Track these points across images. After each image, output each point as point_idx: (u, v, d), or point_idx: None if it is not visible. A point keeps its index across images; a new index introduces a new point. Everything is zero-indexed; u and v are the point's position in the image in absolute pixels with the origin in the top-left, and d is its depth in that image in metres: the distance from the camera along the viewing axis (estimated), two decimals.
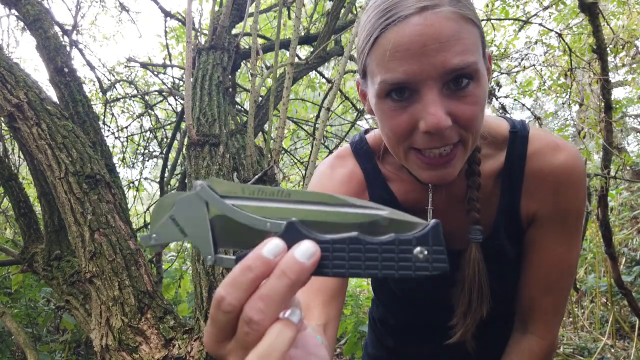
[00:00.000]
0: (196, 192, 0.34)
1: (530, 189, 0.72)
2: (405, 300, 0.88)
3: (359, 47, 0.63)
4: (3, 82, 1.57)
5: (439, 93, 0.56)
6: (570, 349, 3.35)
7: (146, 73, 4.25)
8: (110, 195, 1.53)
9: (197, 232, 0.35)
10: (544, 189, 0.71)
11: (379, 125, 0.66)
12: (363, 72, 0.64)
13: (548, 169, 0.70)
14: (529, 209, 0.74)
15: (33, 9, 2.07)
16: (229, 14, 2.21)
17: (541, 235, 0.74)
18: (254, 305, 0.31)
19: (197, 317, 1.44)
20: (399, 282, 0.84)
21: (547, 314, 0.78)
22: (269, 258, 0.31)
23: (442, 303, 0.82)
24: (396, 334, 0.95)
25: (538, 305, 0.78)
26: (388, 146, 0.66)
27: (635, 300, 2.74)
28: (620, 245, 3.79)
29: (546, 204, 0.72)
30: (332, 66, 4.53)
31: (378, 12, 0.57)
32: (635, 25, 4.04)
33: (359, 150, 0.79)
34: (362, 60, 0.63)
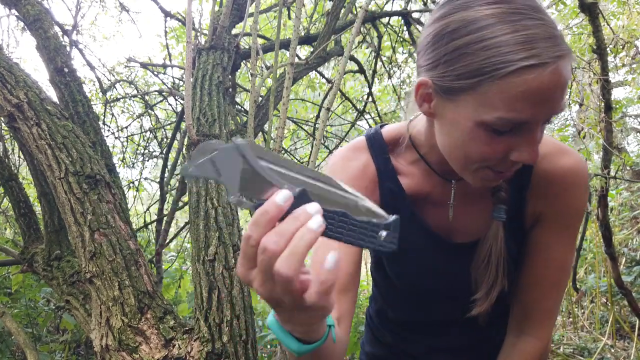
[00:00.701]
0: (237, 145, 0.44)
1: (538, 189, 0.74)
2: (405, 293, 0.88)
3: (444, 51, 0.59)
4: (3, 82, 1.57)
5: (539, 130, 0.60)
6: (570, 349, 3.35)
7: (146, 73, 4.25)
8: (110, 195, 1.53)
9: (229, 175, 0.44)
10: (551, 190, 0.73)
11: (451, 140, 0.64)
12: (452, 83, 0.59)
13: (556, 171, 0.73)
14: (535, 209, 0.76)
15: (33, 9, 2.07)
16: (229, 14, 2.21)
17: (545, 236, 0.76)
18: (269, 238, 0.41)
19: (197, 317, 1.44)
20: (401, 275, 0.84)
21: (546, 314, 0.79)
22: (281, 204, 0.41)
23: (441, 297, 0.83)
24: (393, 328, 0.95)
25: (538, 306, 0.78)
26: (454, 159, 0.66)
27: (635, 300, 2.74)
28: (620, 246, 3.79)
29: (552, 205, 0.74)
30: (332, 66, 4.53)
31: (512, 44, 0.54)
32: (635, 26, 4.04)
33: (374, 143, 0.80)
34: (459, 72, 0.58)
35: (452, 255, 0.79)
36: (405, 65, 4.25)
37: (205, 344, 1.35)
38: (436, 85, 0.62)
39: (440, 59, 0.60)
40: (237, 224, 1.65)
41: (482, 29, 0.56)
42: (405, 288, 0.86)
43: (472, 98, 0.58)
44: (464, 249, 0.78)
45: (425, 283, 0.83)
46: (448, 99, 0.61)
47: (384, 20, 3.47)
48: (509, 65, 0.54)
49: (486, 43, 0.55)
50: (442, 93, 0.62)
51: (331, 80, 3.38)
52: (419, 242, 0.80)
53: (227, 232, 1.58)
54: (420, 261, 0.81)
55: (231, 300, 1.45)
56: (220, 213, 1.60)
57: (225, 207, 1.63)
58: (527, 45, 0.54)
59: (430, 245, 0.80)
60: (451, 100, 0.61)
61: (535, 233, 0.77)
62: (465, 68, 0.57)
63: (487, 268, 0.74)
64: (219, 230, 1.56)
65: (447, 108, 0.62)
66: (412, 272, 0.82)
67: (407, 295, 0.88)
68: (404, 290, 0.87)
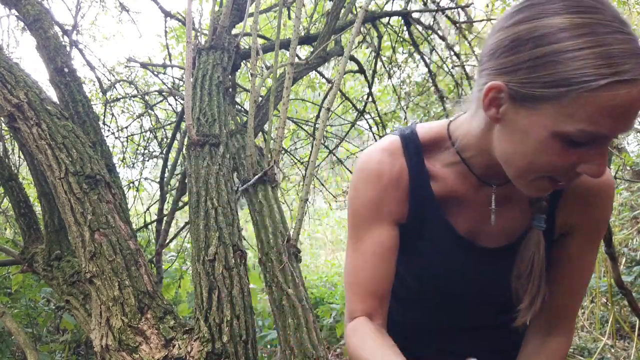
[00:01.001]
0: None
1: (569, 200, 0.76)
2: (427, 294, 0.87)
3: (527, 56, 0.57)
4: (3, 82, 1.57)
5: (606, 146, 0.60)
6: (570, 349, 3.35)
7: (146, 73, 4.25)
8: (110, 195, 1.53)
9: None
10: (583, 202, 0.75)
11: (518, 148, 0.63)
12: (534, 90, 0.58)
13: (592, 185, 0.73)
14: (566, 221, 0.77)
15: (33, 9, 2.07)
16: (229, 14, 2.21)
17: (576, 246, 0.78)
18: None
19: (197, 317, 1.44)
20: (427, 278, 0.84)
21: (572, 316, 0.83)
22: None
23: (469, 303, 0.83)
24: (403, 329, 0.94)
25: (566, 310, 0.82)
26: (516, 167, 0.65)
27: (635, 301, 2.74)
28: (620, 246, 3.79)
29: (585, 217, 0.76)
30: (332, 66, 4.54)
31: (605, 57, 0.53)
32: (635, 25, 4.04)
33: (409, 144, 0.77)
34: (544, 80, 0.56)
35: (484, 260, 0.80)
36: (405, 65, 4.25)
37: (206, 344, 1.35)
38: (512, 91, 0.60)
39: (522, 64, 0.58)
40: (237, 224, 1.65)
41: (573, 38, 0.54)
42: (428, 290, 0.85)
43: (553, 108, 0.57)
44: (496, 253, 0.79)
45: (452, 287, 0.82)
46: (524, 106, 0.59)
47: (384, 20, 3.47)
48: (601, 79, 0.53)
49: (577, 54, 0.54)
50: (519, 99, 0.60)
51: (331, 80, 3.38)
52: (446, 246, 0.79)
53: (227, 232, 1.58)
54: (448, 264, 0.80)
55: (231, 300, 1.45)
56: (220, 213, 1.60)
57: (225, 207, 1.63)
58: (620, 60, 0.53)
59: (458, 249, 0.79)
60: (528, 107, 0.59)
61: (566, 243, 0.78)
62: (552, 77, 0.55)
63: (530, 277, 0.74)
64: (219, 230, 1.56)
65: (521, 115, 0.60)
66: (439, 274, 0.82)
67: (429, 297, 0.87)
68: (427, 292, 0.86)
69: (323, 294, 4.74)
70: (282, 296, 1.62)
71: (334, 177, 6.03)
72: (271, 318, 3.31)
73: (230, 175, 1.77)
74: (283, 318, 1.59)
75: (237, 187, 1.91)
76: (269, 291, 1.68)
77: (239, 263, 1.55)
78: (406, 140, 0.78)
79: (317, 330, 1.60)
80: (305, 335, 1.55)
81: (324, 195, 6.53)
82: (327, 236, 8.40)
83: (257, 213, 1.85)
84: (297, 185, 5.05)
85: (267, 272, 1.71)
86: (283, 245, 1.73)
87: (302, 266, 5.29)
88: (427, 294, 0.86)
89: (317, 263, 7.17)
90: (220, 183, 1.68)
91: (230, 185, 1.72)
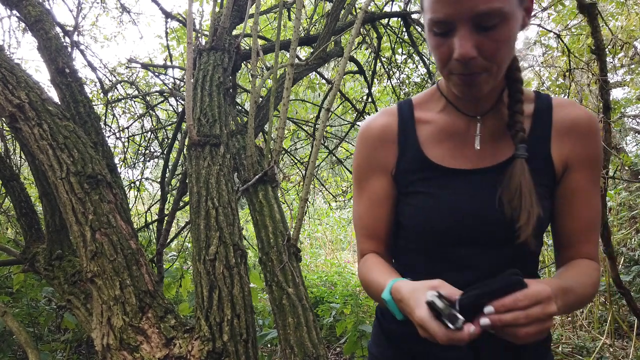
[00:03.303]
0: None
1: (559, 134, 0.84)
2: (429, 244, 0.88)
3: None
4: (4, 82, 1.58)
5: (469, 31, 0.71)
6: (569, 348, 3.35)
7: (147, 74, 4.26)
8: (111, 195, 1.54)
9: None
10: (572, 136, 0.84)
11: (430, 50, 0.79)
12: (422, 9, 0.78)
13: (573, 118, 0.84)
14: (561, 154, 0.84)
15: (34, 9, 2.08)
16: (229, 15, 2.22)
17: (578, 180, 0.84)
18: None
19: (197, 317, 1.45)
20: (423, 221, 0.86)
21: (593, 243, 0.88)
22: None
23: (468, 239, 0.84)
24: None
25: (585, 237, 0.87)
26: (440, 71, 0.79)
27: (633, 300, 2.75)
28: (618, 245, 3.80)
29: (576, 149, 0.84)
30: (332, 67, 4.55)
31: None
32: (634, 26, 4.05)
33: (402, 105, 0.94)
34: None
35: (468, 182, 0.84)
36: (405, 66, 4.26)
37: (206, 343, 1.36)
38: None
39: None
40: (238, 223, 1.66)
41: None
42: (429, 237, 0.86)
43: (423, 14, 0.76)
44: (479, 173, 0.84)
45: (449, 222, 0.83)
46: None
47: (383, 22, 3.48)
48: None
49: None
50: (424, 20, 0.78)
51: (331, 81, 3.39)
52: (437, 182, 0.86)
53: (228, 231, 1.59)
54: (435, 196, 0.85)
55: (232, 299, 1.46)
56: (220, 213, 1.61)
57: (225, 207, 1.64)
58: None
59: (450, 181, 0.85)
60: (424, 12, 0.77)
61: (569, 179, 0.85)
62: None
63: (521, 198, 0.78)
64: (220, 230, 1.57)
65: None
66: (435, 213, 0.85)
67: (430, 241, 0.87)
68: (428, 242, 0.87)
69: (323, 293, 4.75)
70: (282, 295, 1.63)
71: (334, 177, 6.04)
72: (271, 317, 3.32)
73: (230, 176, 1.78)
74: (283, 317, 1.60)
75: (238, 187, 1.92)
76: (269, 290, 1.69)
77: (240, 262, 1.55)
78: (401, 103, 0.94)
79: (317, 329, 1.61)
80: (305, 334, 1.56)
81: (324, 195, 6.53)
82: (327, 236, 8.40)
83: (258, 213, 1.86)
84: (297, 185, 5.06)
85: (267, 272, 1.72)
86: (283, 244, 1.74)
87: (302, 266, 5.29)
88: (427, 237, 0.87)
89: (317, 263, 7.17)
90: (221, 183, 1.69)
91: (231, 185, 1.74)
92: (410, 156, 0.89)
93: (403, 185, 0.90)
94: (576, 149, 0.83)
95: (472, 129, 0.86)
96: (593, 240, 0.87)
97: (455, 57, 0.72)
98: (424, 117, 0.90)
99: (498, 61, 0.74)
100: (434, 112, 0.90)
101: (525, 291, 0.65)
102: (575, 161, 0.84)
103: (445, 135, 0.88)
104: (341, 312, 3.86)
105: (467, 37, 0.71)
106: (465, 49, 0.71)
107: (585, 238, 0.86)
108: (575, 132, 0.83)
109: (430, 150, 0.88)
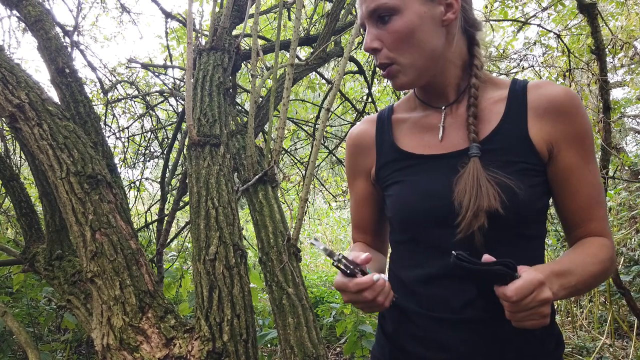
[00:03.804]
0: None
1: (537, 114, 0.84)
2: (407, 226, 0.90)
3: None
4: (4, 82, 1.58)
5: (372, 26, 0.84)
6: (569, 348, 3.35)
7: (147, 74, 4.26)
8: (111, 195, 1.54)
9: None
10: (552, 114, 0.83)
11: None
12: None
13: (549, 97, 0.84)
14: (542, 133, 0.83)
15: (34, 9, 2.08)
16: (229, 15, 2.22)
17: (569, 159, 0.83)
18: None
19: (197, 317, 1.45)
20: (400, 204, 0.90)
21: (602, 219, 0.86)
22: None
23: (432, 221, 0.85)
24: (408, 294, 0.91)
25: (592, 214, 0.85)
26: None
27: (633, 300, 2.75)
28: (618, 245, 3.80)
29: (558, 127, 0.83)
30: (332, 67, 4.55)
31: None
32: (634, 26, 4.05)
33: (384, 111, 1.02)
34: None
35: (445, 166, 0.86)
36: None
37: (206, 343, 1.36)
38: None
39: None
40: (238, 223, 1.66)
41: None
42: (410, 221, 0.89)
43: None
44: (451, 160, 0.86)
45: (423, 203, 0.86)
46: None
47: None
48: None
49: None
50: None
51: (331, 81, 3.39)
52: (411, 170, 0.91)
53: (228, 231, 1.59)
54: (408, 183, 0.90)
55: (232, 299, 1.46)
56: (220, 213, 1.61)
57: (225, 207, 1.64)
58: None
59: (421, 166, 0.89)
60: None
61: (559, 159, 0.84)
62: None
63: (473, 187, 0.79)
64: (220, 230, 1.57)
65: None
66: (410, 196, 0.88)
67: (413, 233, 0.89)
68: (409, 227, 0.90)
69: (323, 293, 4.75)
70: (282, 295, 1.64)
71: (334, 177, 6.04)
72: (271, 317, 3.32)
73: (230, 176, 1.78)
74: (283, 317, 1.60)
75: (238, 187, 1.92)
76: (269, 290, 1.69)
77: (240, 262, 1.55)
78: (383, 109, 1.03)
79: (317, 329, 1.61)
80: (305, 334, 1.56)
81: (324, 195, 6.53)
82: (327, 236, 8.40)
83: (258, 213, 1.86)
84: (297, 185, 5.06)
85: (267, 272, 1.72)
86: (283, 244, 1.74)
87: (302, 266, 5.28)
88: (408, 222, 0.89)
89: (317, 262, 7.17)
90: (221, 183, 1.69)
91: (231, 185, 1.73)
92: (386, 152, 0.96)
93: (383, 181, 0.96)
94: (558, 127, 0.83)
95: (439, 119, 0.91)
96: (598, 217, 0.85)
97: (365, 49, 0.85)
98: (400, 117, 0.98)
99: (401, 52, 0.83)
100: (409, 110, 0.98)
101: (514, 284, 0.67)
102: (561, 140, 0.83)
103: (417, 128, 0.94)
104: (341, 312, 3.86)
105: (370, 32, 0.84)
106: (366, 41, 0.84)
107: (588, 216, 0.85)
108: (554, 111, 0.83)
109: (402, 142, 0.94)
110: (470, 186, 0.79)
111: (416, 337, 0.90)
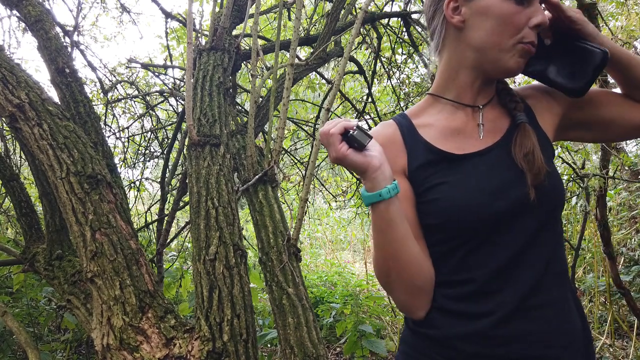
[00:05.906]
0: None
1: (536, 105, 0.93)
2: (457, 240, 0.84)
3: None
4: (4, 82, 1.58)
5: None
6: None
7: (147, 74, 4.26)
8: (111, 195, 1.54)
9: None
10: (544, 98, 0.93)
11: (488, 28, 0.84)
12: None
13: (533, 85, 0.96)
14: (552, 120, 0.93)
15: (34, 9, 2.08)
16: (229, 15, 2.22)
17: (577, 102, 0.91)
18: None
19: (197, 317, 1.45)
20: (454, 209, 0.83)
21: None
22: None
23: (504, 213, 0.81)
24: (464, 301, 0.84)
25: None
26: (493, 47, 0.84)
27: (633, 300, 2.75)
28: (618, 245, 3.80)
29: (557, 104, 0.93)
30: (332, 67, 4.54)
31: None
32: (634, 26, 4.05)
33: (398, 117, 0.99)
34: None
35: (489, 161, 0.87)
36: (405, 66, 4.26)
37: (206, 343, 1.36)
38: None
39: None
40: (238, 223, 1.66)
41: None
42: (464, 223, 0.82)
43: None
44: (492, 152, 0.87)
45: (479, 200, 0.81)
46: (463, 4, 0.86)
47: (383, 22, 3.48)
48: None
49: None
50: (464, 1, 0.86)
51: (331, 81, 3.39)
52: (453, 170, 0.87)
53: (228, 231, 1.59)
54: (451, 184, 0.85)
55: (232, 299, 1.46)
56: (220, 213, 1.61)
57: (225, 207, 1.64)
58: None
59: (465, 166, 0.87)
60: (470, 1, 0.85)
61: (576, 113, 0.94)
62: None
63: (533, 153, 0.82)
64: (220, 230, 1.57)
65: (475, 3, 0.84)
66: (463, 196, 0.83)
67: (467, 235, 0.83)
68: (464, 228, 0.82)
69: (323, 293, 4.75)
70: (282, 295, 1.64)
71: (334, 177, 6.04)
72: (271, 317, 3.32)
73: (230, 175, 1.78)
74: (283, 317, 1.60)
75: (238, 187, 1.92)
76: (269, 290, 1.69)
77: (240, 262, 1.56)
78: (396, 116, 1.00)
79: (317, 329, 1.61)
80: (305, 334, 1.56)
81: (324, 195, 6.52)
82: (327, 236, 8.40)
83: (258, 213, 1.86)
84: (297, 185, 5.06)
85: (267, 272, 1.72)
86: (283, 244, 1.74)
87: (302, 266, 5.28)
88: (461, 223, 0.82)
89: (317, 263, 7.17)
90: (221, 183, 1.69)
91: (231, 185, 1.73)
92: (421, 153, 0.90)
93: (419, 183, 0.88)
94: (556, 106, 0.93)
95: (472, 119, 0.92)
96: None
97: (535, 24, 0.81)
98: (423, 122, 0.94)
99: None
100: (432, 116, 0.95)
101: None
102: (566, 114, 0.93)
103: (448, 132, 0.91)
104: (341, 312, 3.86)
105: (540, 8, 0.83)
106: (545, 17, 0.83)
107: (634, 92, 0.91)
108: (543, 95, 0.93)
109: (438, 145, 0.91)
110: (535, 149, 0.83)
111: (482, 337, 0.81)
